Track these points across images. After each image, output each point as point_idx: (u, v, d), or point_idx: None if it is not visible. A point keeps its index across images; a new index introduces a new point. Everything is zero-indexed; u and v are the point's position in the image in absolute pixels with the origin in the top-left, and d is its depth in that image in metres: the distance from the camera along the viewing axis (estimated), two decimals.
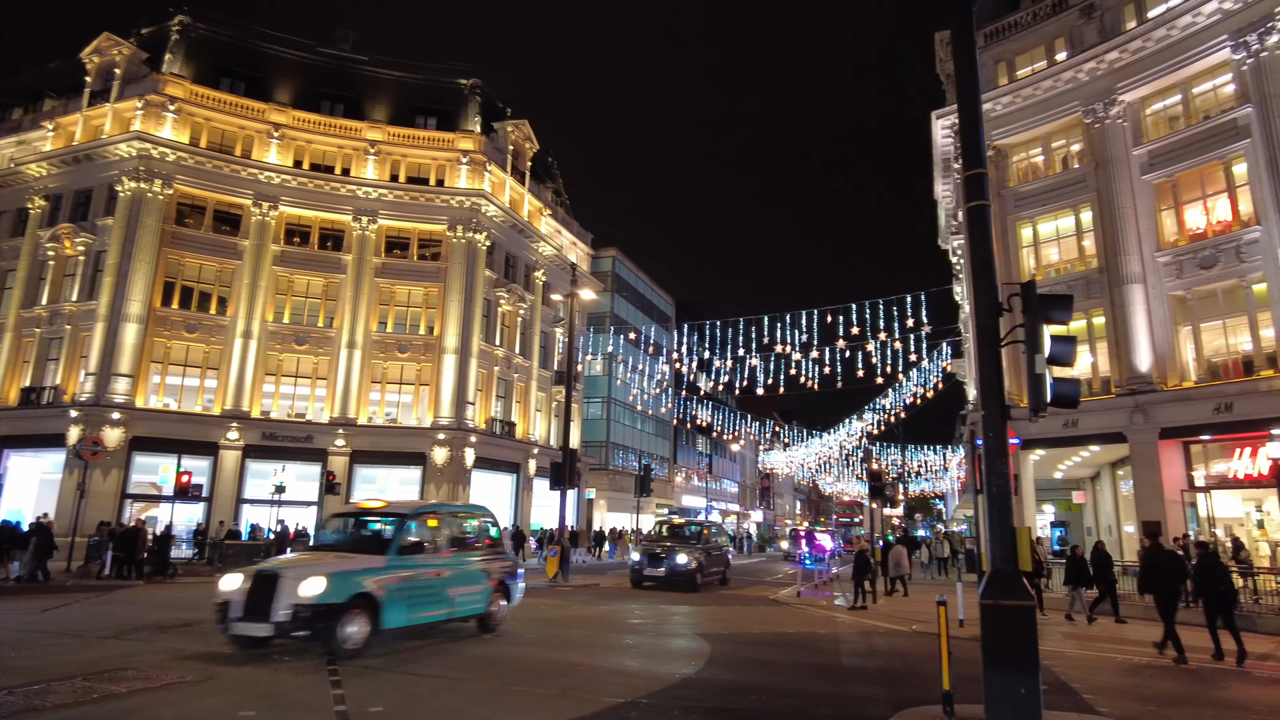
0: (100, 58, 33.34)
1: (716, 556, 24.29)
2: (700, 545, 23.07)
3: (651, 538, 24.85)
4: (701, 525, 25.85)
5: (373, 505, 13.20)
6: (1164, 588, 12.31)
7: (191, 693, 7.80)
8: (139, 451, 29.78)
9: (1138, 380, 21.67)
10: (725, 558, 25.56)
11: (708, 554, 23.02)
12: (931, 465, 65.34)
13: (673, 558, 21.60)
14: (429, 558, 11.31)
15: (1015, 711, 6.26)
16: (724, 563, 25.28)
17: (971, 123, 7.77)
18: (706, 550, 23.12)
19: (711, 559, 23.49)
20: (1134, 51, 23.00)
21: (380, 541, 11.21)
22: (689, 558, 21.61)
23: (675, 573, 21.41)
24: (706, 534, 24.77)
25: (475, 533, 13.12)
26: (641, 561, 22.25)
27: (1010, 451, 7.61)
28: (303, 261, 34.21)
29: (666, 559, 21.61)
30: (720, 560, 24.81)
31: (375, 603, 10.14)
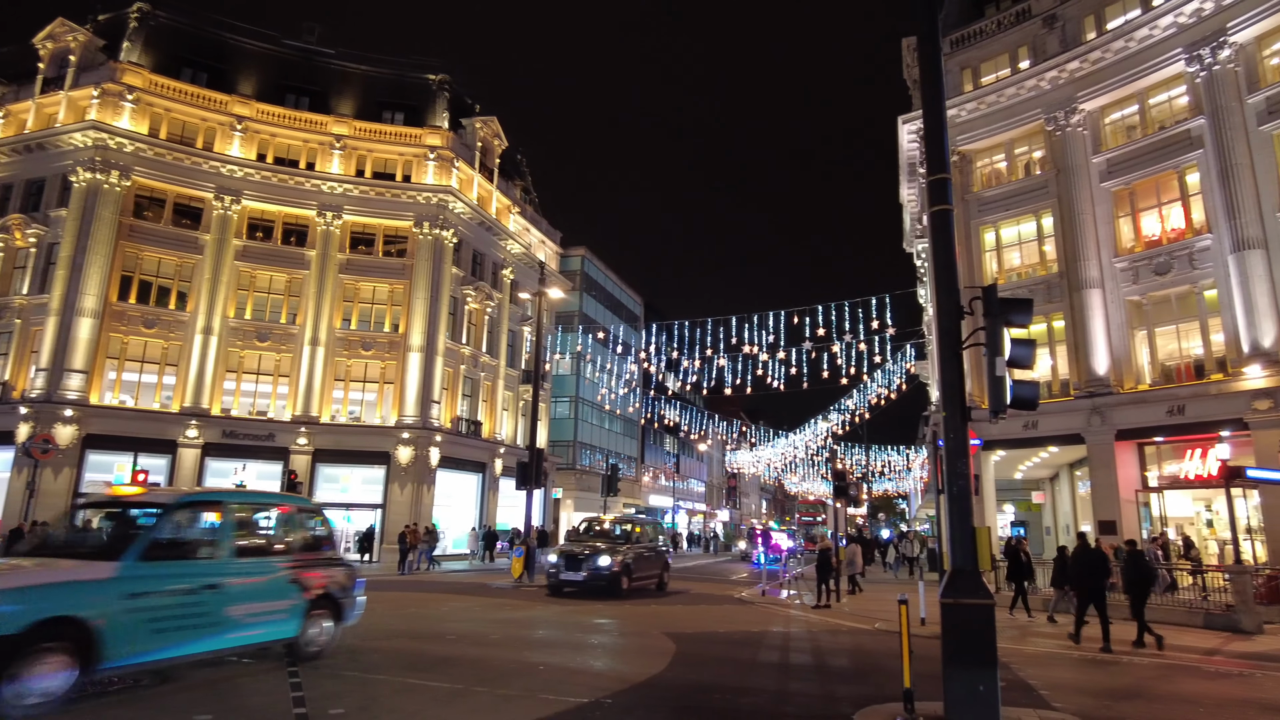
0: (54, 44, 32.42)
1: (649, 558, 21.65)
2: (629, 545, 20.62)
3: (574, 538, 22.08)
4: (632, 523, 22.88)
5: (127, 492, 10.79)
6: (1093, 584, 13.36)
7: (144, 697, 7.62)
8: (93, 450, 29.00)
9: (1095, 383, 22.17)
10: (662, 559, 22.83)
11: (638, 555, 20.65)
12: (894, 465, 66.18)
13: (594, 560, 19.23)
14: (197, 565, 8.40)
15: (974, 708, 6.36)
16: (660, 565, 22.49)
17: (936, 129, 7.87)
18: (637, 551, 20.72)
19: (643, 560, 21.00)
20: (1094, 62, 23.53)
21: (118, 542, 8.15)
22: (612, 559, 19.25)
23: (597, 576, 19.09)
24: (638, 532, 22.06)
25: (287, 530, 10.16)
26: (558, 564, 19.70)
27: (971, 452, 7.74)
28: (265, 257, 33.61)
29: (586, 561, 19.24)
30: (655, 562, 22.09)
31: (89, 632, 7.09)
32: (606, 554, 19.39)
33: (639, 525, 22.78)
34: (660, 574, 22.26)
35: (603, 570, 19.12)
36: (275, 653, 9.55)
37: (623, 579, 19.27)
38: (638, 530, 22.19)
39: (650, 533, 23.19)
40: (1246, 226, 19.72)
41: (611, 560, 19.23)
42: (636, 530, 22.14)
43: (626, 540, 21.09)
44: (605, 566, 19.14)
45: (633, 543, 21.02)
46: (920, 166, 28.70)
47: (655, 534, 23.60)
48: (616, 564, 19.30)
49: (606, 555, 19.34)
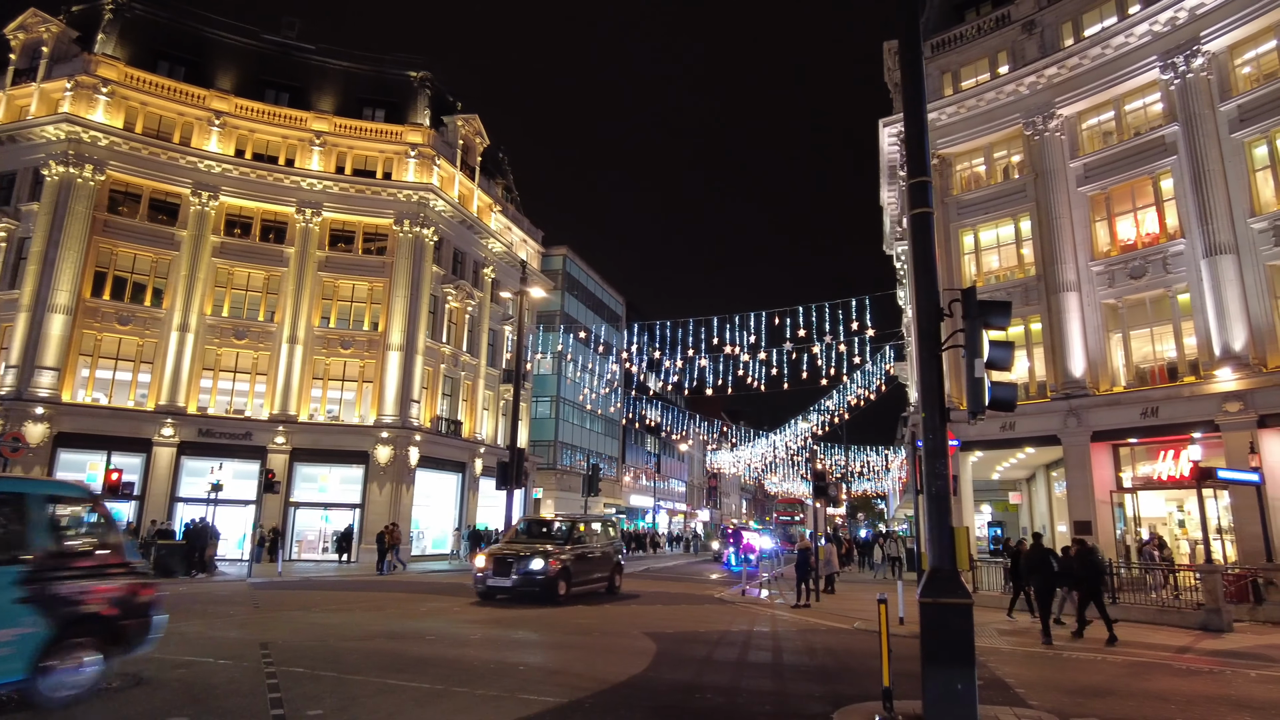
0: (26, 34, 31.86)
1: (595, 559, 19.71)
2: (570, 545, 18.54)
3: (512, 538, 19.79)
4: (575, 520, 20.42)
5: None
6: (1037, 581, 14.27)
7: (119, 699, 7.51)
8: (65, 448, 28.54)
9: (1072, 385, 22.45)
10: (612, 560, 20.74)
11: (580, 556, 18.73)
12: (873, 466, 66.61)
13: (525, 562, 17.19)
14: None
15: (952, 706, 6.42)
16: (609, 566, 20.46)
17: (917, 134, 7.94)
18: (579, 552, 18.80)
19: (587, 562, 19.10)
20: (1071, 68, 23.83)
21: None
22: (546, 562, 17.23)
23: (529, 581, 17.07)
24: (582, 531, 19.81)
25: (22, 527, 7.22)
26: (486, 569, 17.62)
27: (950, 453, 7.80)
28: (243, 253, 33.25)
29: (517, 565, 17.20)
30: (602, 564, 20.10)
31: None
32: (540, 556, 17.32)
33: (584, 523, 20.55)
34: (610, 576, 20.42)
35: (535, 574, 17.10)
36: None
37: (559, 584, 17.27)
38: (582, 529, 19.91)
39: (600, 531, 21.30)
40: (1218, 232, 20.07)
41: (546, 563, 17.19)
42: (581, 529, 19.88)
43: (567, 540, 18.81)
44: (538, 570, 17.10)
45: (574, 542, 18.93)
46: (901, 169, 28.91)
47: (606, 532, 21.69)
48: (553, 567, 17.24)
49: (540, 558, 17.27)
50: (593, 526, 21.01)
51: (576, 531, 19.56)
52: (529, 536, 19.44)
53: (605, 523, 22.53)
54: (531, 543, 18.55)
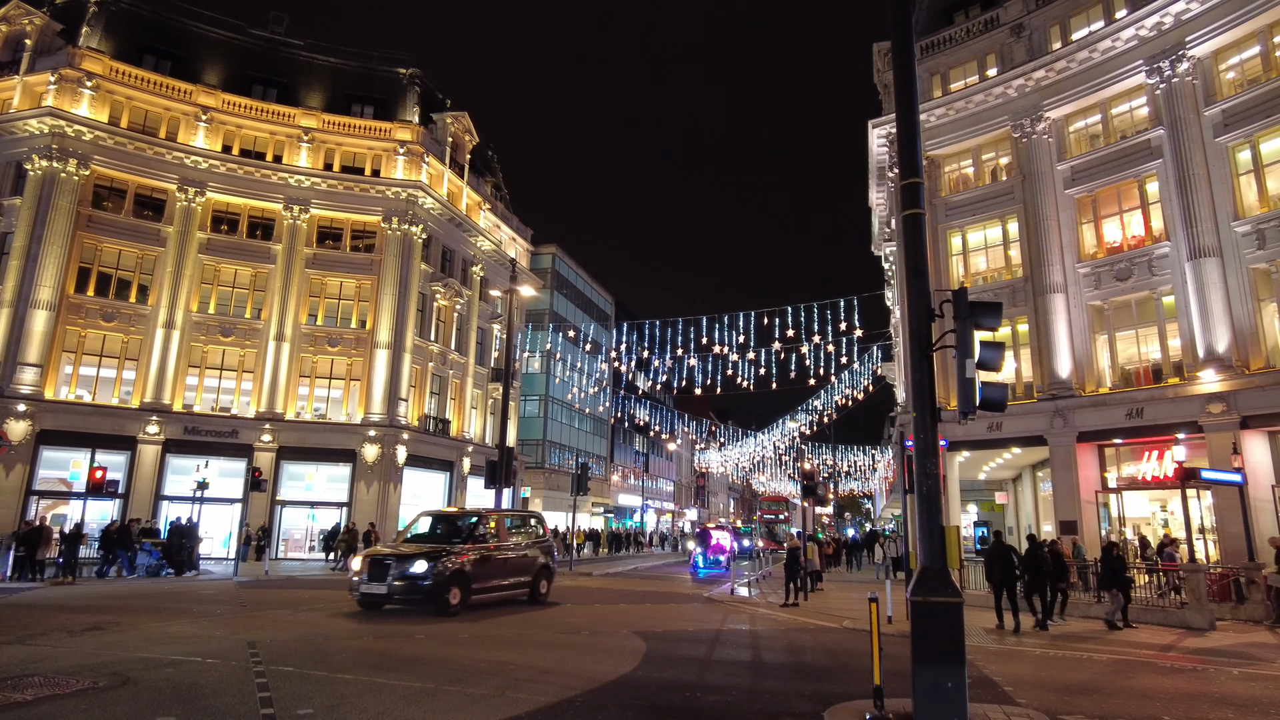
0: (9, 26, 31.50)
1: (510, 561, 16.71)
2: (472, 545, 15.71)
3: (406, 537, 17.18)
4: (480, 515, 17.08)
5: None
6: (1001, 576, 15.11)
7: (105, 699, 7.44)
8: (47, 446, 28.24)
9: (1058, 386, 22.63)
10: (536, 564, 17.58)
11: (488, 558, 15.94)
12: (861, 465, 66.95)
13: (406, 564, 14.45)
14: None
15: (942, 704, 6.46)
16: (532, 570, 17.37)
17: (908, 135, 7.97)
18: (483, 552, 15.88)
19: (497, 565, 16.22)
20: (1059, 71, 24.02)
21: None
22: (433, 563, 14.47)
23: (411, 588, 14.30)
24: (492, 528, 16.76)
25: None
26: (360, 573, 14.88)
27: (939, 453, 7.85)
28: (230, 250, 33.01)
29: (395, 566, 14.46)
30: (521, 567, 17.08)
31: None
32: (425, 557, 14.56)
33: (495, 519, 17.28)
34: (533, 582, 17.37)
35: (418, 579, 14.27)
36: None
37: (451, 590, 14.56)
38: (492, 525, 16.86)
39: (522, 528, 18.45)
40: (1203, 235, 20.29)
41: (433, 565, 14.39)
42: (491, 525, 16.81)
43: (469, 538, 15.93)
44: (421, 574, 14.27)
45: (479, 541, 16.05)
46: (890, 170, 29.06)
47: (530, 530, 18.70)
48: (443, 570, 14.49)
49: (424, 559, 14.49)
50: (510, 523, 18.11)
51: (484, 528, 16.56)
52: (430, 534, 16.91)
53: (529, 518, 19.62)
54: (430, 541, 16.15)
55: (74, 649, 10.04)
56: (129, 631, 11.54)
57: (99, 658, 9.41)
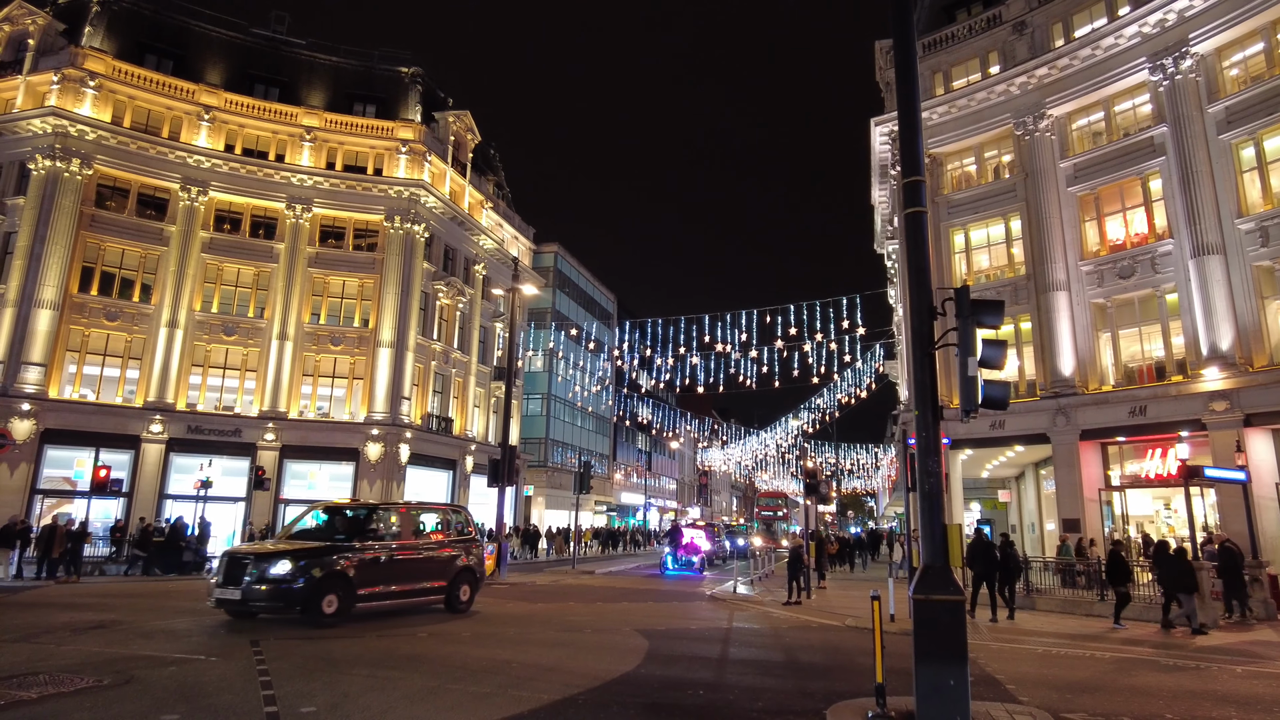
0: (11, 26, 31.55)
1: (416, 563, 14.38)
2: (360, 542, 13.40)
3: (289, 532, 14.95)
4: (373, 508, 14.74)
5: None
6: (982, 571, 16.17)
7: (109, 697, 7.46)
8: (51, 445, 28.31)
9: (1060, 384, 22.61)
10: (455, 566, 15.11)
11: (381, 560, 13.58)
12: (863, 463, 66.93)
13: (267, 565, 12.18)
14: None
15: (944, 703, 6.47)
16: (449, 574, 14.93)
17: (910, 133, 7.96)
18: (376, 553, 13.54)
19: (395, 568, 13.83)
20: (1061, 69, 23.98)
21: None
22: (297, 565, 12.18)
23: (275, 593, 12.02)
24: (394, 523, 14.48)
25: None
26: (217, 575, 12.68)
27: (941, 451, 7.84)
28: (233, 249, 33.06)
29: (255, 567, 12.17)
30: (432, 569, 14.69)
31: None
32: (290, 556, 12.31)
33: (399, 512, 14.91)
34: (450, 588, 14.93)
35: (280, 581, 12.02)
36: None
37: (326, 596, 12.31)
38: (394, 520, 14.55)
39: (436, 524, 15.88)
40: (1206, 233, 20.25)
41: (298, 566, 12.15)
42: (393, 520, 14.53)
43: (360, 535, 13.63)
44: (283, 576, 12.04)
45: (372, 538, 13.71)
46: (892, 168, 29.04)
47: (448, 525, 16.01)
48: (313, 572, 12.23)
49: (288, 559, 12.23)
50: (419, 517, 15.55)
51: (380, 523, 14.25)
52: (317, 530, 14.44)
53: (448, 513, 16.69)
54: (314, 538, 13.80)
55: (79, 647, 10.07)
56: (133, 630, 11.57)
57: (103, 655, 9.44)
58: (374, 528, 14.05)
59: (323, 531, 14.25)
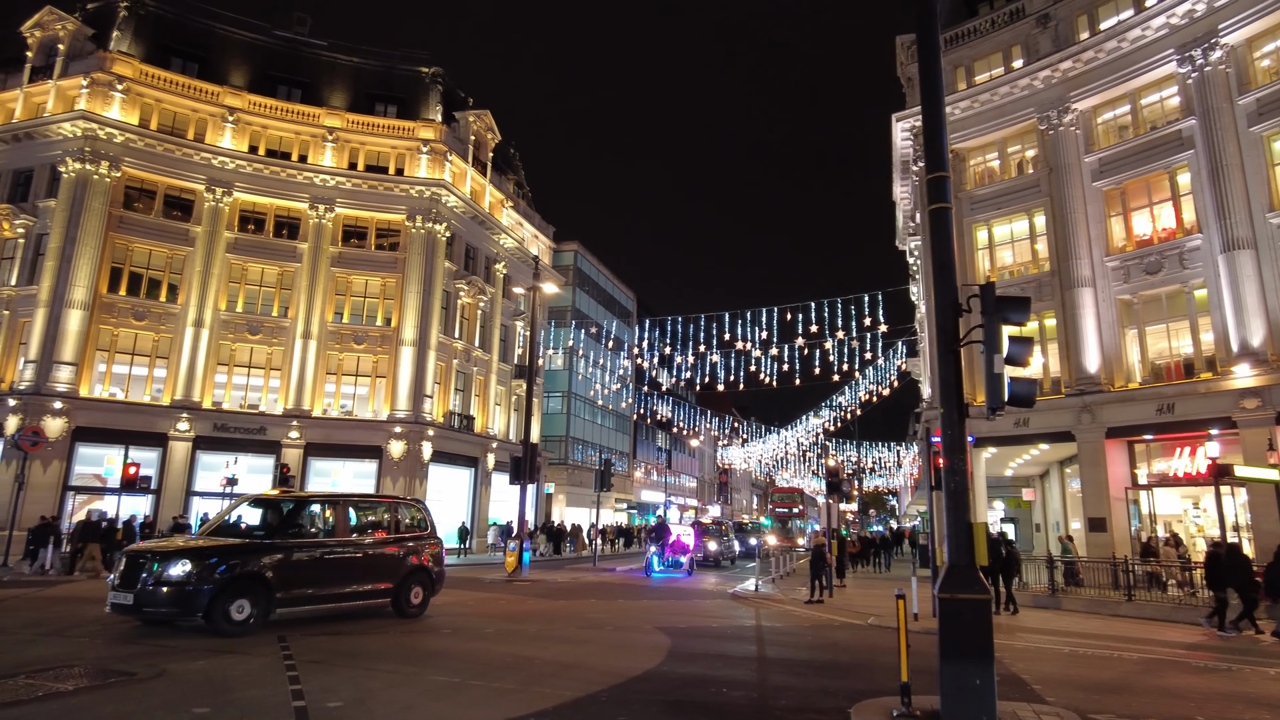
0: (42, 32, 32.10)
1: (355, 564, 12.89)
2: (284, 539, 11.95)
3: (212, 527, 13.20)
4: (302, 500, 13.20)
5: None
6: (990, 565, 16.24)
7: (141, 690, 7.60)
8: (82, 442, 28.81)
9: (1086, 381, 22.33)
10: (404, 565, 13.61)
11: (308, 559, 12.10)
12: (885, 462, 66.51)
13: (166, 566, 10.79)
14: None
15: (970, 702, 6.42)
16: (397, 574, 13.46)
17: (934, 128, 7.91)
18: (310, 550, 12.20)
19: (326, 568, 12.38)
20: (1086, 62, 23.65)
21: None
22: (197, 565, 10.82)
23: (172, 597, 10.65)
24: (328, 518, 12.94)
25: None
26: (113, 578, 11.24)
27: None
28: (257, 249, 33.44)
29: (152, 567, 10.79)
30: (378, 570, 13.20)
31: None
32: (193, 555, 10.98)
33: (335, 505, 13.25)
34: (399, 590, 13.46)
35: (179, 584, 10.66)
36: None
37: (237, 600, 10.93)
38: (328, 514, 12.99)
39: (383, 519, 14.09)
40: (1236, 227, 19.90)
41: (200, 567, 10.80)
42: (327, 514, 12.99)
43: (283, 530, 12.12)
44: (182, 578, 10.69)
45: (298, 535, 12.31)
46: (914, 164, 28.81)
47: (396, 520, 14.20)
48: (217, 574, 10.85)
49: (189, 558, 10.90)
50: (359, 511, 13.87)
51: (306, 518, 12.76)
52: (237, 526, 12.89)
53: (396, 507, 14.71)
54: (233, 535, 12.39)
55: (111, 640, 10.24)
56: (163, 624, 11.68)
57: (134, 650, 9.60)
58: (301, 523, 12.55)
59: (245, 528, 12.78)
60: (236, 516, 13.16)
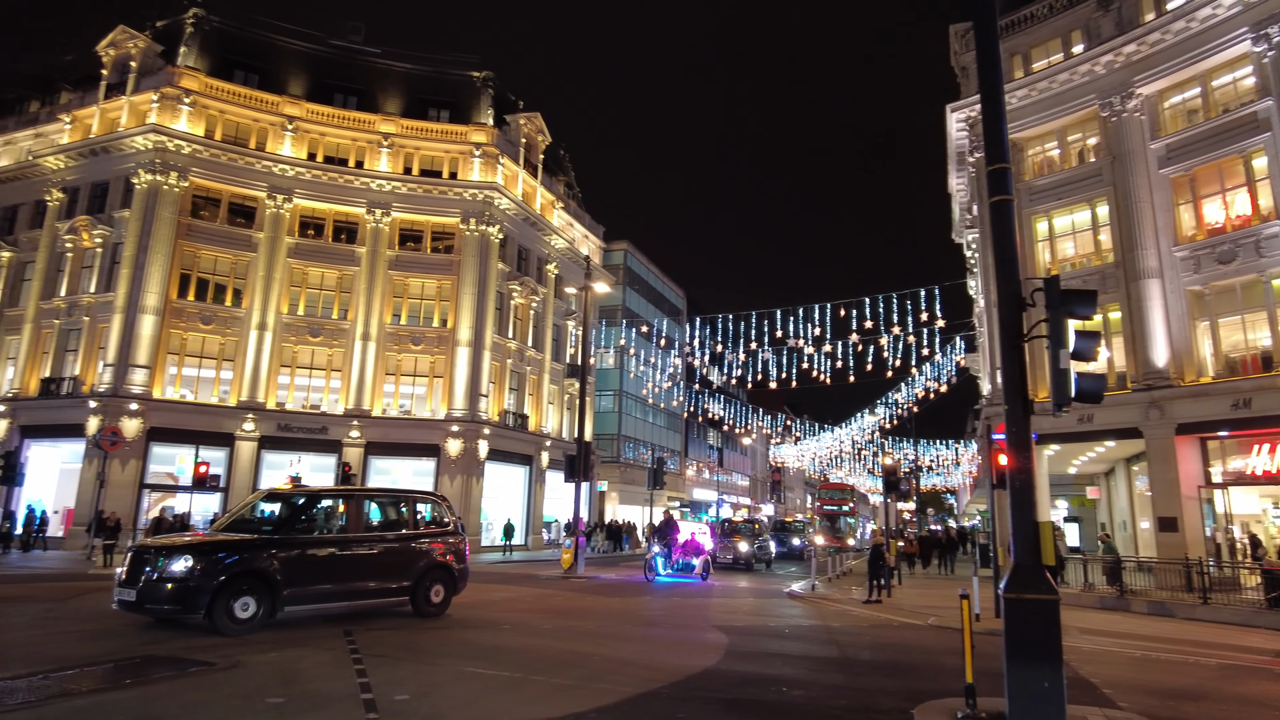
0: (116, 50, 33.54)
1: (369, 560, 12.42)
2: (293, 535, 11.66)
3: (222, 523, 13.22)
4: (313, 495, 12.78)
5: None
6: None
7: (219, 679, 7.92)
8: (156, 442, 30.06)
9: (1153, 375, 21.56)
10: (420, 563, 13.04)
11: (318, 555, 11.81)
12: (943, 460, 65.16)
13: (169, 562, 10.54)
14: None
15: (1038, 705, 6.29)
16: (414, 571, 12.91)
17: (994, 118, 7.74)
18: (320, 546, 11.95)
19: (337, 565, 11.97)
20: (1152, 44, 22.81)
21: None
22: (199, 561, 10.54)
23: (178, 593, 10.37)
24: (340, 512, 12.70)
25: None
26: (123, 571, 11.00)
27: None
28: (317, 254, 34.39)
29: (155, 563, 10.60)
30: (393, 567, 12.69)
31: None
32: (194, 551, 10.69)
33: (349, 499, 12.85)
34: (416, 587, 12.85)
35: (180, 580, 10.38)
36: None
37: (240, 598, 10.61)
38: (341, 509, 12.65)
39: (402, 515, 13.55)
40: None
41: (201, 563, 10.51)
42: (340, 509, 12.65)
43: (292, 526, 11.86)
44: (183, 574, 10.41)
45: (308, 530, 12.05)
46: (970, 155, 28.17)
47: (415, 515, 13.66)
48: (220, 570, 10.55)
49: (190, 554, 10.62)
50: (376, 506, 13.52)
51: (318, 513, 12.49)
52: (252, 520, 12.72)
53: (415, 501, 14.04)
54: (245, 529, 12.03)
55: (188, 632, 10.65)
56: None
57: (209, 641, 9.97)
58: (312, 518, 12.27)
59: (254, 522, 12.56)
60: (250, 512, 12.98)
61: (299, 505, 12.29)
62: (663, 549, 23.89)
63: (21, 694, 7.03)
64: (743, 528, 33.67)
